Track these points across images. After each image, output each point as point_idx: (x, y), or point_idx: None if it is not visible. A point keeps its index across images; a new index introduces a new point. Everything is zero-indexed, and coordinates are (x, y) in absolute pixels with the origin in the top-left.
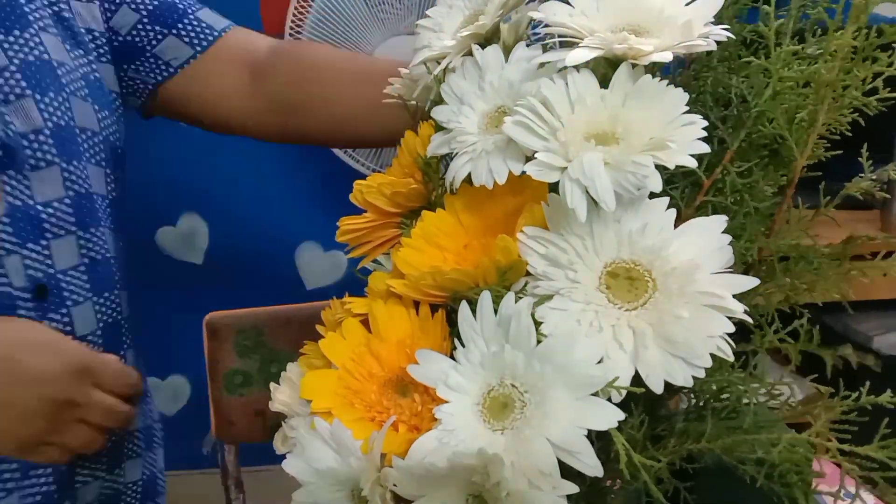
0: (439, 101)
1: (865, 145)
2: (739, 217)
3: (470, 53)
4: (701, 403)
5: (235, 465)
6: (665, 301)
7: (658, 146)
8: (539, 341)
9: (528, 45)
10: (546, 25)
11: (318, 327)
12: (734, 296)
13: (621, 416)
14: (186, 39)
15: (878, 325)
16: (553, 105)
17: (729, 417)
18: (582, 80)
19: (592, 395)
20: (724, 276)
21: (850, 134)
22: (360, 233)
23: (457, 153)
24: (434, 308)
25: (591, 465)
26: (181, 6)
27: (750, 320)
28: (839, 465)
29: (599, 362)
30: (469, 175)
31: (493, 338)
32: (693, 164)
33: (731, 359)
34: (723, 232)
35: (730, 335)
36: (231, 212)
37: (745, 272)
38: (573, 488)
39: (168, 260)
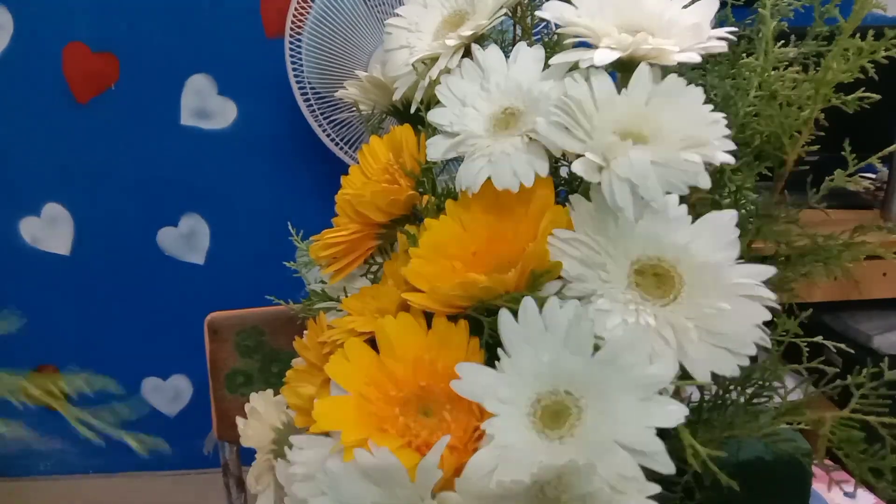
0: (429, 103)
1: (847, 141)
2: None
3: (465, 54)
4: (721, 392)
5: (237, 464)
6: (699, 294)
7: (696, 144)
8: (595, 345)
9: (529, 46)
10: (557, 26)
11: (297, 346)
12: None
13: (686, 411)
14: None
15: (878, 324)
16: (583, 105)
17: (751, 405)
18: (605, 81)
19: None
20: (744, 266)
21: (850, 134)
22: (343, 246)
23: (468, 157)
24: (448, 319)
25: (664, 464)
26: None
27: (779, 308)
28: (837, 461)
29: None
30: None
31: (543, 345)
32: (731, 160)
33: (770, 345)
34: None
35: None
36: (232, 212)
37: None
38: (657, 488)
39: (169, 260)
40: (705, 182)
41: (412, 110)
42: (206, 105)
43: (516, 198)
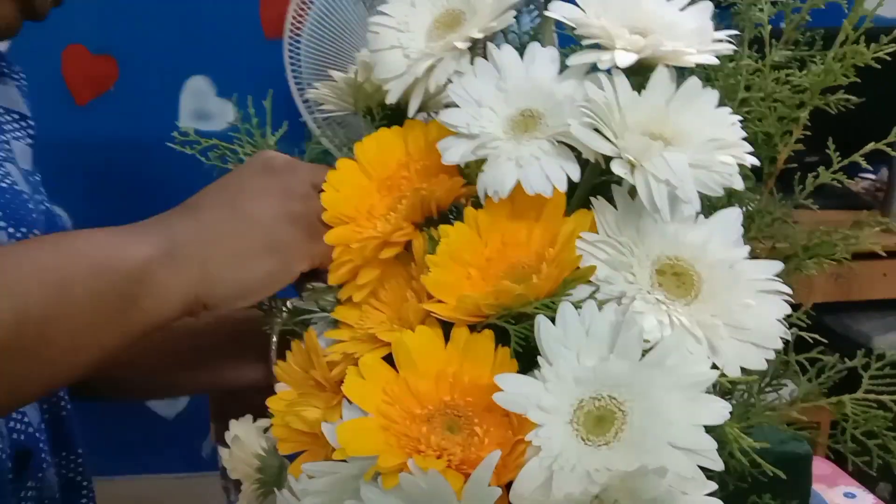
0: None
1: (830, 139)
2: None
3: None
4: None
5: None
6: (720, 292)
7: (725, 146)
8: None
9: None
10: (560, 25)
11: (279, 371)
12: None
13: (729, 407)
14: None
15: (878, 325)
16: (612, 107)
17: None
18: (625, 83)
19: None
20: (755, 262)
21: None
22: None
23: (492, 160)
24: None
25: (715, 462)
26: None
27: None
28: (839, 464)
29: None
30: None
31: (586, 350)
32: (756, 162)
33: (790, 339)
34: None
35: None
36: None
37: None
38: (714, 485)
39: None
40: (739, 183)
41: (410, 113)
42: (204, 107)
43: (530, 202)
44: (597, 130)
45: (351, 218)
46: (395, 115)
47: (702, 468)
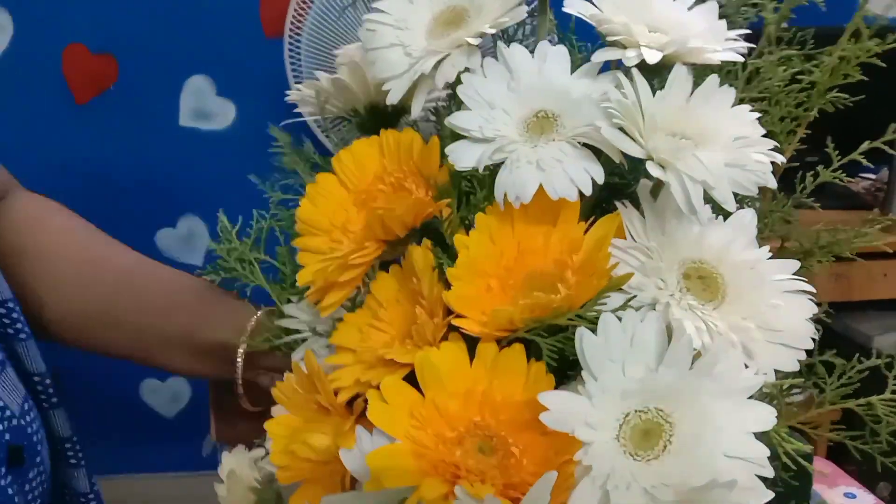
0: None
1: (829, 138)
2: None
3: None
4: None
5: None
6: (746, 293)
7: (752, 144)
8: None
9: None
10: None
11: (276, 394)
12: None
13: (775, 411)
14: None
15: (879, 325)
16: (638, 107)
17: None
18: (644, 82)
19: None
20: (775, 262)
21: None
22: (363, 268)
23: (511, 164)
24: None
25: (766, 469)
26: None
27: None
28: (839, 464)
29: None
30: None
31: (632, 361)
32: (783, 160)
33: (817, 336)
34: None
35: None
36: (230, 213)
37: None
38: (771, 494)
39: (168, 262)
40: (773, 182)
41: (415, 114)
42: (205, 106)
43: (543, 207)
44: (622, 131)
45: (324, 231)
46: (388, 118)
47: None
